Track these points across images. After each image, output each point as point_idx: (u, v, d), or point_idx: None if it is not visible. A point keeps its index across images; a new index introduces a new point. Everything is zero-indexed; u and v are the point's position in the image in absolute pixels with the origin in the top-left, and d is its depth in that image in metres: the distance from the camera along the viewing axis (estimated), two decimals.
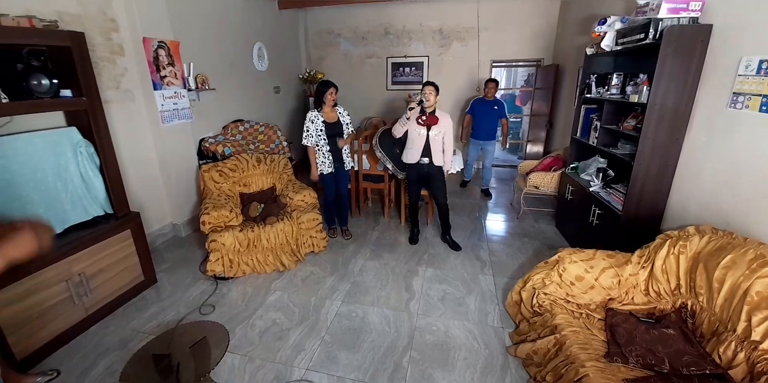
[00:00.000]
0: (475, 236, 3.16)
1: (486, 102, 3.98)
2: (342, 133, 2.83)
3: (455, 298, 2.26)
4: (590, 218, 2.46)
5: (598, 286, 1.71)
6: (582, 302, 1.73)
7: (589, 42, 2.70)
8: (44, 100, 1.80)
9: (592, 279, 1.71)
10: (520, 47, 4.82)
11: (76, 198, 2.02)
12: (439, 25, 4.98)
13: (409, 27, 5.09)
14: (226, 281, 2.46)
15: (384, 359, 1.78)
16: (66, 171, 1.97)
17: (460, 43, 4.99)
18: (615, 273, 1.71)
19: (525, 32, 4.73)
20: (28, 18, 1.78)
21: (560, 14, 4.50)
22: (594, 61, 2.74)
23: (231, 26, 3.83)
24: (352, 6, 4.84)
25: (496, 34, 4.82)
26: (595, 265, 1.74)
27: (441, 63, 5.14)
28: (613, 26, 2.30)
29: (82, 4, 2.31)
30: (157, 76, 2.80)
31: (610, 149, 2.44)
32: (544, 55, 4.78)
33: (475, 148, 4.21)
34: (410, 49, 5.18)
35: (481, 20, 4.79)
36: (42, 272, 1.74)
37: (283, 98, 5.01)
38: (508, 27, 4.75)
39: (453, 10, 4.82)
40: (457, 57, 5.05)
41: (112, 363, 1.75)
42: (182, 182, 3.14)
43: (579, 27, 3.77)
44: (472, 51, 4.96)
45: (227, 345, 1.43)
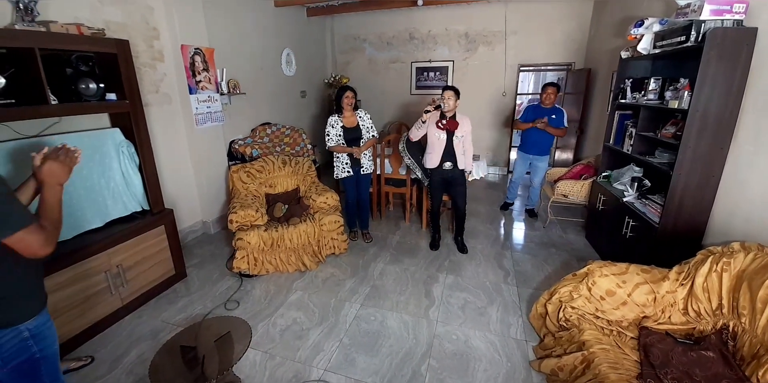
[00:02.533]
0: (498, 244, 3.09)
1: (542, 110, 3.35)
2: (360, 138, 2.86)
3: (476, 307, 2.21)
4: (623, 230, 2.35)
5: (631, 302, 1.62)
6: (613, 318, 1.65)
7: (624, 45, 2.60)
8: (91, 102, 1.94)
9: (625, 295, 1.63)
10: (550, 51, 4.71)
11: (117, 194, 2.15)
12: (465, 30, 4.96)
13: (434, 31, 5.10)
14: (251, 279, 2.54)
15: (402, 365, 1.77)
16: (109, 169, 2.10)
17: (486, 48, 4.94)
18: (650, 290, 1.62)
19: (555, 35, 4.62)
20: (76, 25, 1.92)
21: (593, 16, 4.37)
22: (629, 65, 2.63)
23: (262, 33, 3.98)
24: (377, 12, 4.91)
25: (525, 38, 4.74)
26: (628, 280, 1.65)
27: (466, 67, 5.10)
28: (650, 28, 2.21)
29: (128, 14, 2.48)
30: (193, 81, 2.95)
31: (646, 157, 2.32)
32: (575, 58, 4.64)
33: (522, 163, 3.57)
34: (435, 53, 5.18)
35: (508, 24, 4.72)
36: (84, 263, 1.87)
37: (308, 102, 5.14)
38: (537, 30, 4.66)
39: (480, 14, 4.79)
40: (483, 61, 5.00)
41: (143, 352, 1.86)
42: (213, 181, 3.27)
43: (613, 29, 3.64)
44: (499, 55, 4.89)
45: (249, 341, 1.47)
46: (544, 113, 3.32)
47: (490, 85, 5.02)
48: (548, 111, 3.32)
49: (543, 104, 3.35)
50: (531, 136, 3.42)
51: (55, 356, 1.14)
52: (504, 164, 5.35)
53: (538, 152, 3.46)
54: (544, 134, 3.32)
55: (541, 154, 3.46)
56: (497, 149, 5.32)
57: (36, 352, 1.06)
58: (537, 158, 3.47)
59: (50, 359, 1.11)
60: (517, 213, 3.85)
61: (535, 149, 3.45)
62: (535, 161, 3.48)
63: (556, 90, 3.29)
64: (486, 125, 5.14)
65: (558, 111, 3.33)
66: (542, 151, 3.45)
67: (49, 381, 1.11)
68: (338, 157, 2.88)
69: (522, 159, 3.58)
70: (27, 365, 1.05)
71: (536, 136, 3.37)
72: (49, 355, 1.10)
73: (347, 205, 3.07)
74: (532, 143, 3.45)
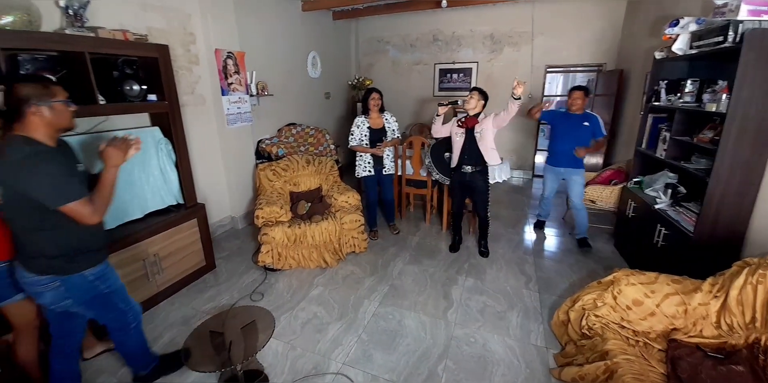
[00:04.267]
0: (521, 249, 3.03)
1: (571, 118, 2.85)
2: (385, 139, 2.95)
3: (496, 311, 2.19)
4: (654, 239, 2.25)
5: (660, 313, 1.57)
6: (640, 329, 1.60)
7: (659, 45, 2.50)
8: (134, 103, 2.09)
9: (653, 305, 1.58)
10: (579, 51, 4.58)
11: (155, 188, 2.31)
12: (490, 31, 4.91)
13: (458, 33, 5.07)
14: (275, 273, 2.64)
15: (418, 364, 1.79)
16: (149, 165, 2.26)
17: (512, 49, 4.86)
18: (681, 301, 1.56)
19: (585, 35, 4.49)
20: (122, 31, 2.07)
21: (626, 15, 4.21)
22: (664, 66, 2.53)
23: (289, 37, 4.11)
24: (401, 14, 4.94)
25: (553, 38, 4.63)
26: (657, 290, 1.60)
27: (491, 69, 5.04)
28: (686, 28, 2.12)
29: (167, 20, 2.64)
30: (225, 83, 3.10)
31: (681, 163, 2.22)
32: (606, 59, 4.49)
33: (553, 178, 3.07)
34: (459, 55, 5.16)
35: (535, 24, 4.63)
36: (125, 251, 2.02)
37: (332, 103, 5.25)
38: (566, 30, 4.54)
39: (506, 14, 4.72)
40: (509, 63, 4.92)
41: (176, 336, 1.99)
42: (241, 179, 3.42)
43: (648, 29, 3.50)
44: (525, 56, 4.81)
45: (273, 331, 1.54)
46: (572, 121, 2.84)
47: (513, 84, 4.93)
48: (579, 118, 2.82)
49: (570, 109, 2.86)
50: (559, 144, 2.92)
51: (123, 288, 1.48)
52: (529, 168, 5.24)
53: (570, 163, 2.90)
54: (575, 141, 2.82)
55: (575, 166, 2.90)
56: (521, 151, 5.22)
57: (104, 289, 1.38)
58: (570, 171, 2.92)
59: (119, 291, 1.45)
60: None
61: (566, 160, 2.89)
62: (569, 174, 2.93)
63: (583, 94, 2.80)
64: (510, 127, 5.01)
65: (590, 118, 2.82)
66: (575, 162, 2.90)
67: (123, 305, 1.47)
68: (361, 156, 2.95)
69: (552, 174, 3.05)
70: (99, 299, 1.37)
71: (565, 144, 2.86)
72: (116, 289, 1.43)
73: (368, 204, 3.13)
74: (561, 154, 2.91)
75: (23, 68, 1.61)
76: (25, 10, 1.70)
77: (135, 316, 1.52)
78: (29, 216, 1.19)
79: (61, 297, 1.30)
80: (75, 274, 1.29)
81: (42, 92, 1.19)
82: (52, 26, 1.90)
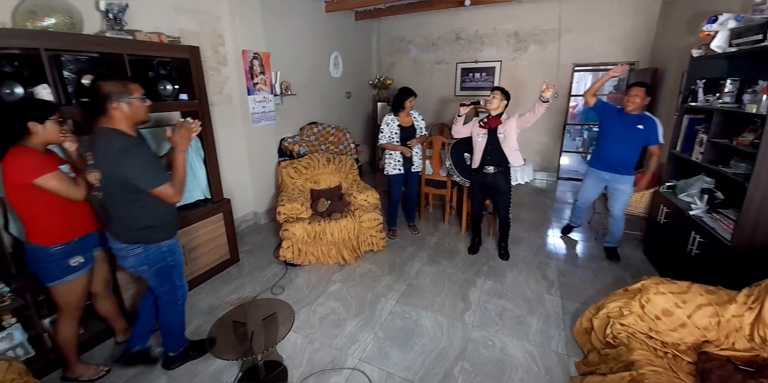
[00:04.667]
0: (543, 253, 2.96)
1: (624, 116, 2.50)
2: (415, 136, 2.99)
3: (515, 316, 2.16)
4: (688, 247, 2.14)
5: (692, 325, 1.50)
6: (669, 340, 1.54)
7: (697, 42, 2.39)
8: (168, 102, 2.19)
9: (684, 316, 1.51)
10: (610, 49, 4.41)
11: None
12: (514, 28, 4.81)
13: (482, 31, 5.00)
14: (295, 268, 2.71)
15: (434, 364, 1.79)
16: None
17: (537, 47, 4.75)
18: (714, 312, 1.49)
19: (616, 32, 4.32)
20: (157, 34, 2.18)
21: (661, 11, 4.02)
22: (702, 65, 2.40)
23: (313, 38, 4.19)
24: (424, 13, 4.92)
25: (581, 36, 4.48)
26: (689, 300, 1.53)
27: (514, 68, 4.94)
28: (725, 25, 2.00)
29: (198, 23, 2.75)
30: (251, 83, 3.20)
31: (718, 167, 2.10)
32: (639, 57, 4.30)
33: (595, 183, 2.73)
34: (482, 54, 5.08)
35: (563, 21, 4.50)
36: None
37: (353, 102, 5.30)
38: (596, 27, 4.39)
39: (531, 12, 4.61)
40: (534, 61, 4.81)
41: (201, 324, 2.09)
42: (264, 175, 3.52)
43: (684, 25, 3.34)
44: (551, 54, 4.68)
45: (292, 324, 1.59)
46: (626, 121, 2.48)
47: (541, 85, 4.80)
48: (633, 119, 2.46)
49: (625, 108, 2.48)
50: (605, 145, 2.57)
51: (181, 266, 1.68)
52: (554, 170, 5.10)
53: (618, 169, 2.55)
54: (628, 148, 2.47)
55: (624, 172, 2.54)
56: (546, 153, 5.09)
57: (170, 261, 1.60)
58: (617, 178, 2.57)
59: (178, 267, 1.65)
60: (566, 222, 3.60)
61: (613, 164, 2.56)
62: (614, 182, 2.59)
63: (644, 92, 2.40)
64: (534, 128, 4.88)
65: (647, 120, 2.44)
66: (624, 168, 2.54)
67: (178, 281, 1.67)
68: (390, 154, 2.97)
69: (594, 179, 2.71)
70: (164, 269, 1.59)
71: (612, 147, 2.54)
72: (177, 264, 1.64)
73: (392, 203, 3.15)
74: (607, 157, 2.56)
75: (66, 69, 1.72)
76: (67, 13, 1.80)
77: (183, 294, 1.71)
78: (124, 196, 1.41)
79: (140, 262, 1.52)
80: (154, 244, 1.52)
81: (121, 90, 1.36)
82: (93, 29, 2.02)
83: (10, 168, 1.32)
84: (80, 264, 1.53)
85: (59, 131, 1.43)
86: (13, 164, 1.32)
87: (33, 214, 1.41)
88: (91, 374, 1.69)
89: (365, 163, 5.01)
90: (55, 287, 1.51)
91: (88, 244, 1.59)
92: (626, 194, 2.61)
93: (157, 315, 1.72)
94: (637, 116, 2.47)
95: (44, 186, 1.35)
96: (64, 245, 1.48)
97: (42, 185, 1.34)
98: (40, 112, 1.37)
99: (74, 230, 1.51)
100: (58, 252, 1.47)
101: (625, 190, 2.59)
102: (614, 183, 2.61)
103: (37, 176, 1.32)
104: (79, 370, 1.68)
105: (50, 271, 1.48)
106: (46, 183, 1.34)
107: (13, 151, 1.34)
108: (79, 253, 1.53)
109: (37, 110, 1.37)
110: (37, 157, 1.36)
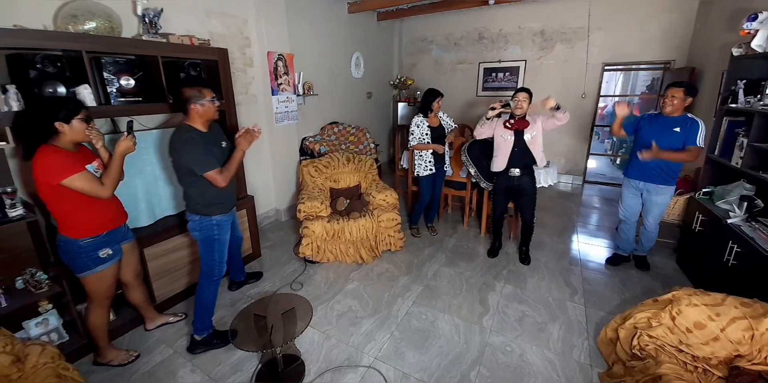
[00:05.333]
0: (566, 259, 2.85)
1: (659, 119, 2.28)
2: (445, 135, 3.00)
3: (535, 322, 2.09)
4: (724, 257, 2.01)
5: (725, 338, 1.42)
6: (700, 354, 1.46)
7: (737, 41, 2.25)
8: None
9: (717, 329, 1.43)
10: (644, 47, 4.21)
11: None
12: (540, 27, 4.68)
13: (506, 30, 4.91)
14: (314, 265, 2.74)
15: (450, 367, 1.76)
16: None
17: (564, 45, 4.60)
18: (748, 326, 1.40)
19: (651, 30, 4.12)
20: (189, 37, 2.27)
21: (699, 7, 3.81)
22: (742, 64, 2.25)
23: (335, 39, 4.25)
24: (446, 13, 4.88)
25: (612, 34, 4.31)
26: (723, 313, 1.44)
27: (540, 67, 4.81)
28: (765, 23, 1.88)
29: (227, 26, 2.85)
30: (275, 83, 3.28)
31: (759, 173, 1.98)
32: (675, 56, 4.09)
33: (632, 194, 2.49)
34: (506, 53, 4.98)
35: (592, 19, 4.34)
36: (181, 236, 2.21)
37: (374, 102, 5.33)
38: (628, 25, 4.20)
39: (558, 9, 4.48)
40: (560, 60, 4.67)
41: (224, 316, 2.16)
42: (286, 174, 3.60)
43: (723, 23, 3.15)
44: (579, 53, 4.53)
45: (310, 319, 1.61)
46: (664, 125, 2.24)
47: (567, 86, 4.67)
48: (670, 121, 2.23)
49: (663, 110, 2.25)
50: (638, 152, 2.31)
51: (224, 244, 1.90)
52: (579, 173, 4.92)
53: (653, 178, 2.33)
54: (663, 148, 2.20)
55: (660, 181, 2.31)
56: (571, 155, 4.92)
57: (215, 234, 1.85)
58: (653, 188, 2.35)
59: (221, 242, 1.88)
60: (594, 228, 3.49)
61: (646, 172, 2.34)
62: (650, 192, 2.37)
63: (682, 92, 2.15)
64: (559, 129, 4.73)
65: (687, 122, 2.19)
66: (661, 177, 2.30)
67: (218, 257, 1.88)
68: (421, 155, 2.95)
69: (630, 189, 2.50)
70: (209, 240, 1.84)
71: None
72: (221, 240, 1.88)
73: (420, 203, 3.14)
74: (643, 164, 2.30)
75: (106, 70, 1.83)
76: (107, 18, 1.91)
77: (220, 272, 1.90)
78: (186, 178, 1.75)
79: (194, 228, 1.85)
80: (207, 217, 1.82)
81: (197, 95, 1.70)
82: (130, 32, 2.13)
83: (38, 169, 1.37)
84: (109, 256, 1.60)
85: (85, 130, 1.47)
86: (41, 165, 1.37)
87: (63, 210, 1.47)
88: (121, 359, 1.78)
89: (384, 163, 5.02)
90: (86, 277, 1.58)
91: (116, 237, 1.66)
92: (661, 207, 2.40)
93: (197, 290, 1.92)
94: (675, 119, 2.23)
95: (70, 187, 1.41)
96: (93, 238, 1.54)
97: (68, 185, 1.40)
98: (66, 112, 1.41)
99: (103, 224, 1.58)
100: (88, 245, 1.54)
101: (661, 202, 2.37)
102: (649, 194, 2.39)
103: (63, 177, 1.38)
104: (110, 355, 1.77)
105: (80, 262, 1.55)
106: (72, 184, 1.40)
107: (42, 150, 1.39)
108: (108, 245, 1.60)
109: (63, 110, 1.41)
110: (63, 158, 1.40)
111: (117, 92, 1.88)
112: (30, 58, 1.57)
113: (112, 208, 1.64)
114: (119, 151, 1.55)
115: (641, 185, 2.41)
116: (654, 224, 2.49)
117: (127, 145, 1.57)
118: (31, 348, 1.36)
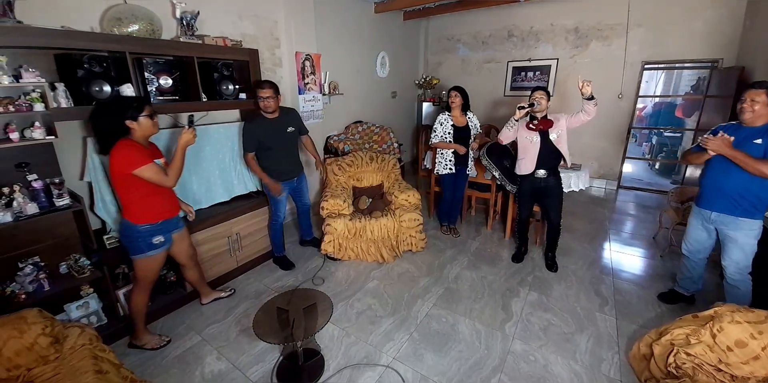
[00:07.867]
0: (596, 267, 2.70)
1: (740, 131, 1.77)
2: (469, 137, 2.93)
3: (562, 332, 2.00)
4: None
5: (765, 357, 1.31)
6: (739, 374, 1.35)
7: None
8: (229, 101, 2.36)
9: (758, 348, 1.33)
10: (688, 45, 3.94)
11: (240, 175, 2.61)
12: (574, 24, 4.49)
13: (537, 28, 4.75)
14: (335, 262, 2.77)
15: (470, 373, 1.72)
16: (236, 154, 2.55)
17: (600, 43, 4.39)
18: None
19: (696, 26, 3.85)
20: (222, 38, 2.35)
21: (749, 3, 3.52)
22: None
23: (361, 38, 4.27)
24: (474, 11, 4.79)
25: (653, 31, 4.06)
26: (765, 331, 1.34)
27: (573, 66, 4.62)
28: None
29: (258, 27, 2.93)
30: (302, 83, 3.34)
31: None
32: (723, 54, 3.79)
33: (699, 226, 1.99)
34: (536, 51, 4.82)
35: (632, 15, 4.11)
36: (215, 228, 2.32)
37: (398, 102, 5.31)
38: (670, 21, 3.95)
39: (594, 5, 4.28)
40: (595, 59, 4.45)
41: (249, 307, 2.22)
42: (310, 171, 3.63)
43: None
44: (617, 51, 4.30)
45: (330, 315, 1.62)
46: (743, 136, 1.74)
47: (602, 85, 4.42)
48: (752, 132, 1.72)
49: (744, 121, 1.74)
50: (713, 176, 1.85)
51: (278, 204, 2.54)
52: (614, 178, 4.67)
53: (726, 207, 1.80)
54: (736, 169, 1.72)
55: (739, 213, 1.77)
56: (604, 159, 4.67)
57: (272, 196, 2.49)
58: (728, 220, 1.82)
59: (274, 202, 2.53)
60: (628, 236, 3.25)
61: (721, 200, 1.82)
62: (725, 226, 1.84)
63: (766, 95, 1.66)
64: (591, 131, 4.55)
65: None
66: (739, 206, 1.77)
67: (274, 207, 2.56)
68: (442, 154, 2.93)
69: (698, 219, 1.98)
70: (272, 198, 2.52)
71: (723, 176, 1.79)
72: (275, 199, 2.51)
73: (442, 202, 3.12)
74: (716, 190, 1.83)
75: (147, 70, 1.93)
76: (149, 21, 2.01)
77: (276, 219, 2.58)
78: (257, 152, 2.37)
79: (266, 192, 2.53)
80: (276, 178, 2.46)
81: (257, 93, 2.24)
82: (169, 34, 2.23)
83: (115, 159, 1.56)
84: (160, 243, 1.75)
85: (152, 125, 1.65)
86: (117, 156, 1.56)
87: (130, 197, 1.65)
88: (154, 343, 1.88)
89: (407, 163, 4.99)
90: (138, 259, 1.73)
91: (169, 226, 1.81)
92: (744, 248, 1.79)
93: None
94: (758, 129, 1.71)
95: (140, 175, 1.58)
96: (151, 225, 1.71)
97: (139, 175, 1.58)
98: (132, 111, 1.59)
99: (161, 214, 1.74)
100: (146, 230, 1.69)
101: (741, 239, 1.79)
102: (725, 229, 1.84)
103: (135, 167, 1.56)
104: (145, 338, 1.87)
105: (136, 245, 1.70)
106: (142, 173, 1.58)
107: (120, 143, 1.58)
108: (162, 233, 1.75)
109: (129, 109, 1.59)
110: (136, 151, 1.58)
111: (156, 91, 1.98)
112: (78, 58, 1.69)
113: (169, 201, 1.80)
114: (181, 143, 1.71)
115: (713, 216, 1.87)
116: (736, 271, 1.85)
117: (188, 137, 1.72)
118: (70, 329, 1.45)
